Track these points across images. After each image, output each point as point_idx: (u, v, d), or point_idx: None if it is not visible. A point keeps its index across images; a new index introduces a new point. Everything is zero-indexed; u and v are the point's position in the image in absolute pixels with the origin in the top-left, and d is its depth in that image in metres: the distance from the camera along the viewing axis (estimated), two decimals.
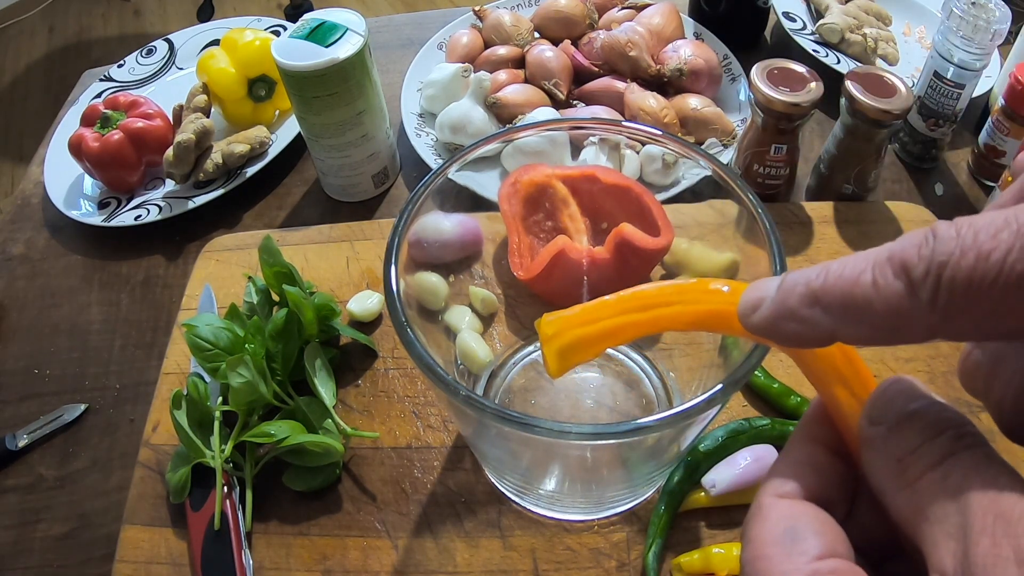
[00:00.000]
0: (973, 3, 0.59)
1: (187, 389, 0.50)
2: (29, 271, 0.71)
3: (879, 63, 0.78)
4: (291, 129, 0.76)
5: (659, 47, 0.75)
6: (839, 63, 0.75)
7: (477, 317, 0.49)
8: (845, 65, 0.74)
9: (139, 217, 0.70)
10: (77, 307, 0.68)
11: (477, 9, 0.82)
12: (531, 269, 0.49)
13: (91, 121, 0.73)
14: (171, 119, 0.75)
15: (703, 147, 0.68)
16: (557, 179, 0.49)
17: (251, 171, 0.73)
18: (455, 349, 0.48)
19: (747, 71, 0.63)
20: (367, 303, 0.58)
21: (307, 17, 0.64)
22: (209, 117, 0.74)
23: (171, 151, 0.70)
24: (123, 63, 0.88)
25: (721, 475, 0.46)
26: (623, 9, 0.80)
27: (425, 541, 0.48)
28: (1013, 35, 0.68)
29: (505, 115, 0.71)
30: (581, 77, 0.76)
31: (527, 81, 0.75)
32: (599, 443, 0.32)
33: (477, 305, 0.49)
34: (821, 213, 0.63)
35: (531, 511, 0.48)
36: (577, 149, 0.53)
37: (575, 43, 0.78)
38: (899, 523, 0.18)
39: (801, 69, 0.59)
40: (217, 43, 0.84)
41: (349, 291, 0.60)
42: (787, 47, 0.80)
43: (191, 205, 0.70)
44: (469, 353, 0.48)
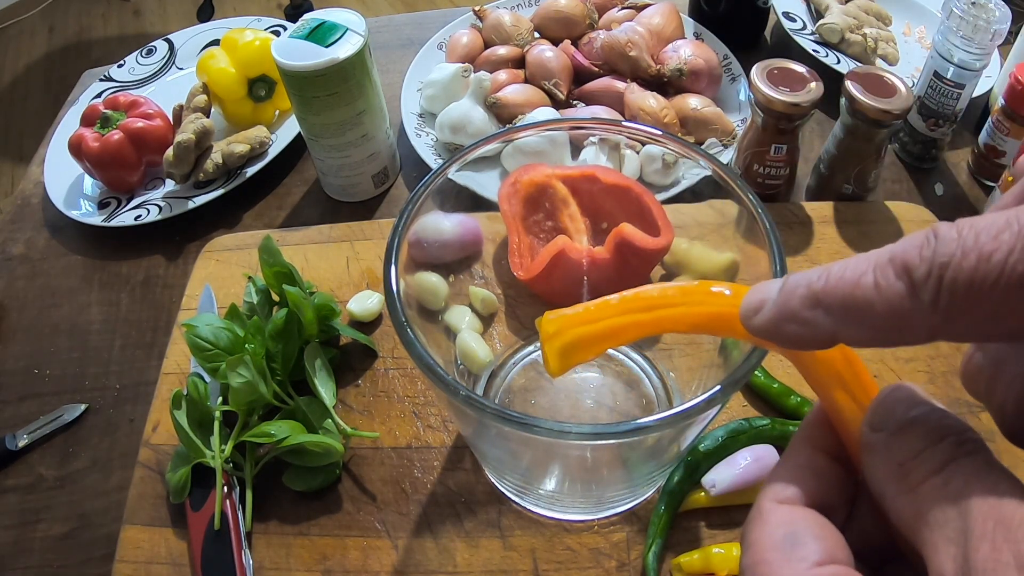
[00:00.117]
0: (973, 3, 0.59)
1: (187, 389, 0.50)
2: (29, 271, 0.71)
3: (879, 63, 0.78)
4: (291, 129, 0.76)
5: (659, 47, 0.75)
6: (839, 63, 0.75)
7: (477, 317, 0.49)
8: (845, 65, 0.74)
9: (139, 217, 0.70)
10: (77, 307, 0.68)
11: (477, 9, 0.82)
12: (531, 269, 0.49)
13: (91, 121, 0.73)
14: (171, 119, 0.75)
15: (703, 147, 0.68)
16: (557, 179, 0.49)
17: (251, 171, 0.73)
18: (455, 349, 0.48)
19: (747, 71, 0.63)
20: (367, 303, 0.58)
21: (307, 17, 0.64)
22: (209, 117, 0.74)
23: (171, 151, 0.70)
24: (123, 63, 0.88)
25: (721, 475, 0.46)
26: (623, 9, 0.80)
27: (425, 541, 0.48)
28: (1013, 35, 0.68)
29: (505, 115, 0.71)
30: (581, 77, 0.76)
31: (527, 81, 0.75)
32: (599, 443, 0.32)
33: (477, 305, 0.49)
34: (821, 213, 0.63)
35: (531, 511, 0.48)
36: (577, 149, 0.53)
37: (575, 43, 0.78)
38: (899, 527, 0.18)
39: (801, 69, 0.59)
40: (217, 43, 0.84)
41: (349, 291, 0.60)
42: (787, 47, 0.80)
43: (191, 205, 0.70)
44: (469, 353, 0.48)
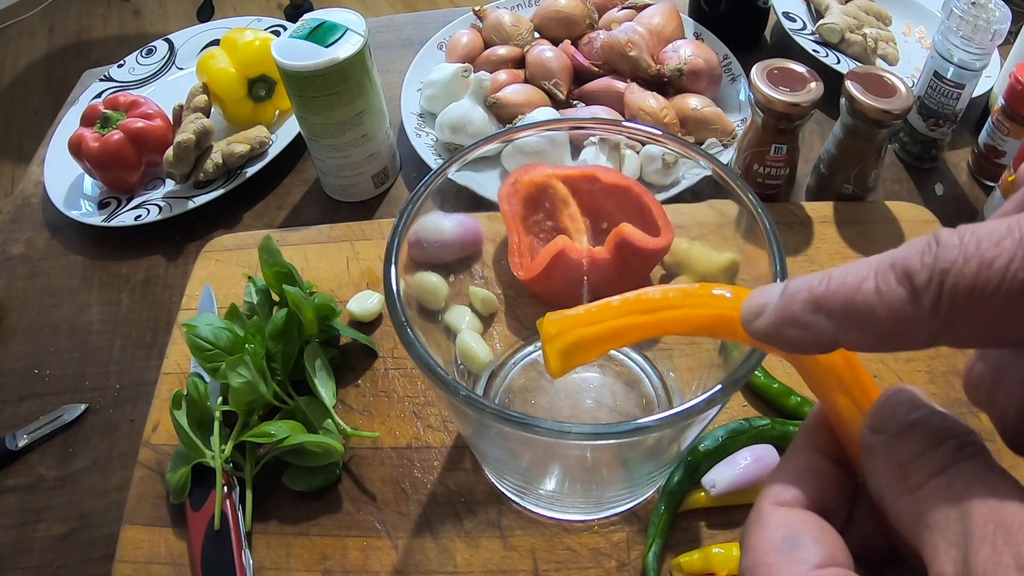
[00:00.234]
0: (973, 3, 0.59)
1: (187, 389, 0.50)
2: (29, 271, 0.71)
3: (879, 63, 0.78)
4: (291, 129, 0.76)
5: (659, 47, 0.75)
6: (839, 63, 0.75)
7: (477, 317, 0.49)
8: (845, 65, 0.74)
9: (139, 217, 0.70)
10: (77, 307, 0.68)
11: (477, 9, 0.82)
12: (531, 269, 0.49)
13: (91, 121, 0.73)
14: (171, 119, 0.75)
15: (703, 147, 0.68)
16: (557, 179, 0.49)
17: (251, 171, 0.73)
18: (455, 349, 0.48)
19: (747, 71, 0.63)
20: (367, 303, 0.58)
21: (307, 17, 0.64)
22: (209, 117, 0.74)
23: (171, 151, 0.70)
24: (123, 63, 0.88)
25: (721, 475, 0.46)
26: (623, 9, 0.80)
27: (425, 541, 0.48)
28: (1013, 35, 0.68)
29: (505, 115, 0.71)
30: (581, 77, 0.76)
31: (527, 81, 0.75)
32: (599, 443, 0.32)
33: (477, 305, 0.49)
34: (821, 213, 0.63)
35: (531, 511, 0.48)
36: (577, 149, 0.53)
37: (575, 43, 0.78)
38: (899, 530, 0.18)
39: (801, 69, 0.59)
40: (217, 43, 0.84)
41: (349, 291, 0.60)
42: (787, 47, 0.80)
43: (191, 205, 0.70)
44: (469, 353, 0.48)
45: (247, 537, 0.48)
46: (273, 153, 0.74)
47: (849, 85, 0.58)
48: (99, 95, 0.84)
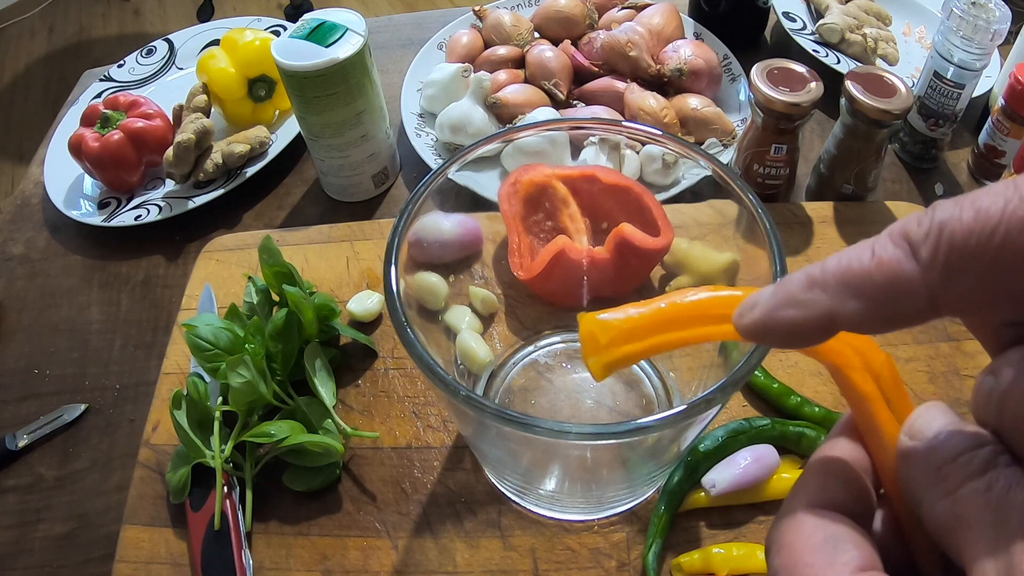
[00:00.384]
0: (973, 3, 0.59)
1: (187, 389, 0.50)
2: (29, 271, 0.71)
3: (879, 63, 0.78)
4: (291, 129, 0.76)
5: (659, 47, 0.75)
6: (839, 63, 0.75)
7: (477, 317, 0.49)
8: (845, 65, 0.74)
9: (139, 217, 0.70)
10: (77, 307, 0.68)
11: (477, 9, 0.82)
12: (531, 269, 0.49)
13: (91, 121, 0.73)
14: (171, 119, 0.75)
15: (703, 147, 0.68)
16: (557, 179, 0.49)
17: (251, 171, 0.73)
18: (455, 349, 0.48)
19: (747, 71, 0.63)
20: (367, 303, 0.58)
21: (307, 17, 0.64)
22: (209, 117, 0.74)
23: (171, 151, 0.70)
24: (123, 63, 0.88)
25: (721, 475, 0.46)
26: (623, 9, 0.80)
27: (425, 541, 0.48)
28: (1013, 35, 0.68)
29: (505, 115, 0.71)
30: (581, 77, 0.76)
31: (527, 81, 0.75)
32: (599, 443, 0.32)
33: (477, 305, 0.49)
34: (821, 213, 0.63)
35: (531, 511, 0.48)
36: (577, 149, 0.53)
37: (575, 43, 0.78)
38: (936, 534, 0.18)
39: (801, 69, 0.59)
40: (217, 43, 0.84)
41: (349, 291, 0.60)
42: (787, 47, 0.80)
43: (191, 205, 0.70)
44: (469, 353, 0.48)
45: (247, 537, 0.48)
46: (273, 153, 0.74)
47: (849, 85, 0.58)
48: (99, 95, 0.84)
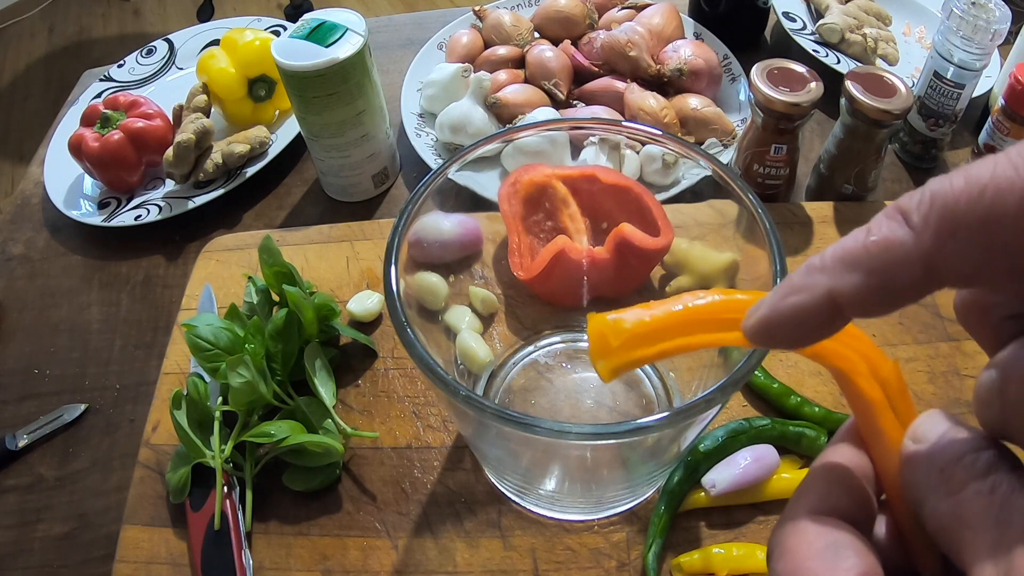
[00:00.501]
0: (973, 3, 0.59)
1: (187, 389, 0.50)
2: (29, 271, 0.71)
3: (879, 63, 0.78)
4: (291, 129, 0.76)
5: (659, 47, 0.75)
6: (839, 63, 0.75)
7: (477, 317, 0.49)
8: (845, 65, 0.74)
9: (139, 217, 0.70)
10: (77, 307, 0.68)
11: (477, 9, 0.82)
12: (531, 269, 0.49)
13: (91, 121, 0.73)
14: (171, 119, 0.75)
15: (703, 147, 0.68)
16: (557, 179, 0.49)
17: (251, 171, 0.73)
18: (455, 349, 0.48)
19: (747, 71, 0.63)
20: (367, 303, 0.58)
21: (307, 17, 0.64)
22: (209, 117, 0.74)
23: (171, 151, 0.70)
24: (123, 63, 0.88)
25: (721, 475, 0.46)
26: (623, 9, 0.80)
27: (425, 541, 0.48)
28: (1013, 35, 0.68)
29: (505, 115, 0.71)
30: (581, 77, 0.76)
31: (527, 81, 0.75)
32: (599, 443, 0.32)
33: (477, 305, 0.49)
34: (821, 213, 0.63)
35: (531, 511, 0.48)
36: (577, 149, 0.53)
37: (575, 43, 0.78)
38: (938, 537, 0.18)
39: (801, 69, 0.59)
40: (217, 43, 0.84)
41: (349, 291, 0.60)
42: (787, 47, 0.80)
43: (191, 205, 0.70)
44: (469, 353, 0.48)
45: (247, 537, 0.48)
46: (273, 153, 0.74)
47: (849, 85, 0.58)
48: (99, 95, 0.84)
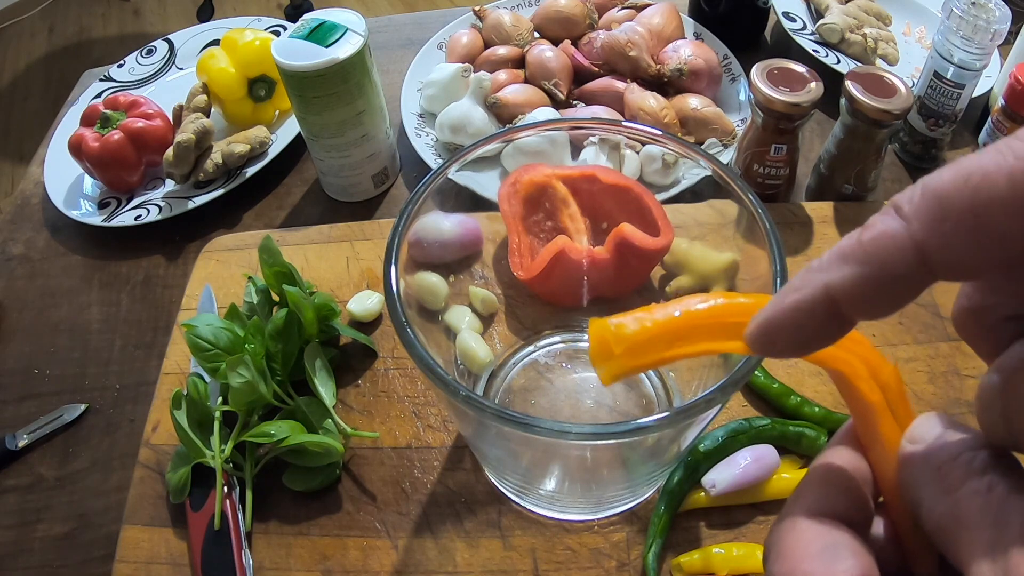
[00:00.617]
0: (973, 3, 0.59)
1: (187, 389, 0.50)
2: (29, 271, 0.71)
3: (879, 63, 0.78)
4: (291, 129, 0.76)
5: (659, 47, 0.75)
6: (839, 63, 0.75)
7: (477, 317, 0.49)
8: (845, 65, 0.74)
9: (139, 217, 0.70)
10: (77, 307, 0.68)
11: (477, 9, 0.82)
12: (531, 269, 0.49)
13: (91, 121, 0.73)
14: (171, 119, 0.75)
15: (703, 147, 0.68)
16: (557, 179, 0.49)
17: (251, 171, 0.73)
18: (455, 349, 0.48)
19: (747, 71, 0.63)
20: (367, 303, 0.58)
21: (307, 17, 0.64)
22: (209, 117, 0.74)
23: (171, 151, 0.70)
24: (123, 63, 0.88)
25: (721, 475, 0.46)
26: (623, 9, 0.80)
27: (425, 541, 0.48)
28: (1013, 35, 0.68)
29: (505, 115, 0.71)
30: (581, 77, 0.76)
31: (527, 81, 0.75)
32: (599, 443, 0.32)
33: (477, 305, 0.49)
34: (821, 213, 0.63)
35: (531, 511, 0.48)
36: (577, 149, 0.53)
37: (575, 43, 0.78)
38: (935, 536, 0.18)
39: (801, 69, 0.59)
40: (217, 43, 0.84)
41: (349, 291, 0.60)
42: (787, 47, 0.80)
43: (191, 205, 0.70)
44: (469, 353, 0.48)
45: (247, 537, 0.48)
46: (273, 153, 0.74)
47: (849, 85, 0.58)
48: (99, 95, 0.84)
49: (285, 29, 0.85)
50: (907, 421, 0.21)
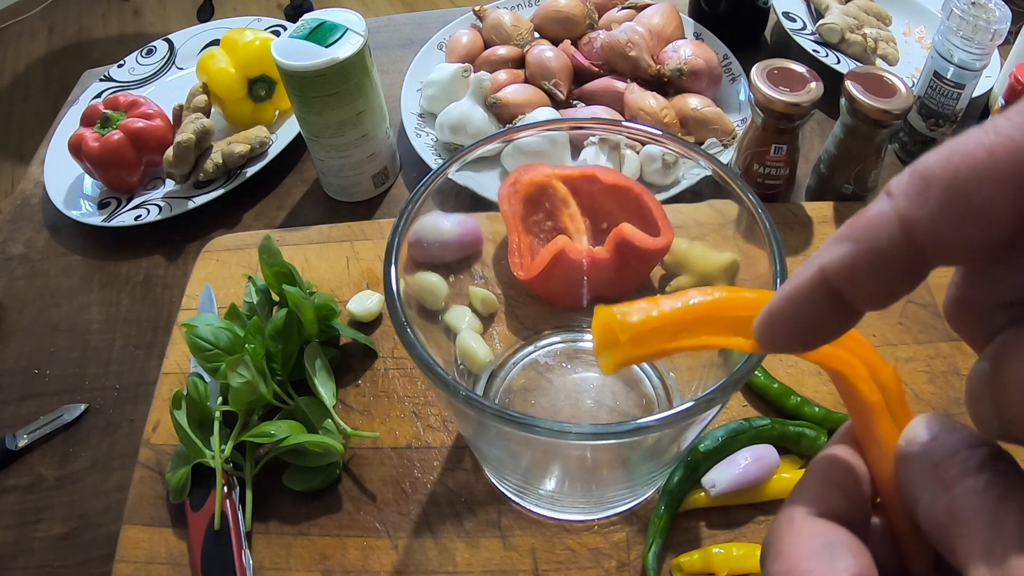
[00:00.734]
0: (973, 3, 0.59)
1: (187, 389, 0.50)
2: (29, 271, 0.71)
3: (879, 63, 0.78)
4: (291, 129, 0.76)
5: (659, 47, 0.75)
6: (839, 63, 0.75)
7: (477, 317, 0.49)
8: (845, 65, 0.74)
9: (139, 217, 0.70)
10: (77, 307, 0.68)
11: (477, 9, 0.82)
12: (531, 269, 0.49)
13: (91, 121, 0.73)
14: (171, 119, 0.75)
15: (703, 147, 0.68)
16: (557, 179, 0.49)
17: (251, 171, 0.73)
18: (455, 349, 0.48)
19: (747, 71, 0.63)
20: (367, 303, 0.58)
21: (307, 17, 0.64)
22: (209, 117, 0.74)
23: (171, 151, 0.70)
24: (123, 63, 0.88)
25: (721, 475, 0.46)
26: (623, 9, 0.80)
27: (425, 541, 0.48)
28: (1013, 35, 0.68)
29: (505, 115, 0.71)
30: (581, 77, 0.76)
31: (527, 81, 0.75)
32: (599, 443, 0.32)
33: (477, 305, 0.49)
34: (821, 213, 0.63)
35: (531, 511, 0.48)
36: (577, 149, 0.53)
37: (575, 43, 0.78)
38: (932, 535, 0.18)
39: (801, 69, 0.59)
40: (217, 43, 0.84)
41: (349, 291, 0.60)
42: (787, 47, 0.80)
43: (191, 205, 0.70)
44: (469, 353, 0.48)
45: (247, 537, 0.48)
46: (273, 153, 0.74)
47: (849, 85, 0.58)
48: (99, 95, 0.84)
49: (285, 29, 0.85)
50: (905, 422, 0.21)
